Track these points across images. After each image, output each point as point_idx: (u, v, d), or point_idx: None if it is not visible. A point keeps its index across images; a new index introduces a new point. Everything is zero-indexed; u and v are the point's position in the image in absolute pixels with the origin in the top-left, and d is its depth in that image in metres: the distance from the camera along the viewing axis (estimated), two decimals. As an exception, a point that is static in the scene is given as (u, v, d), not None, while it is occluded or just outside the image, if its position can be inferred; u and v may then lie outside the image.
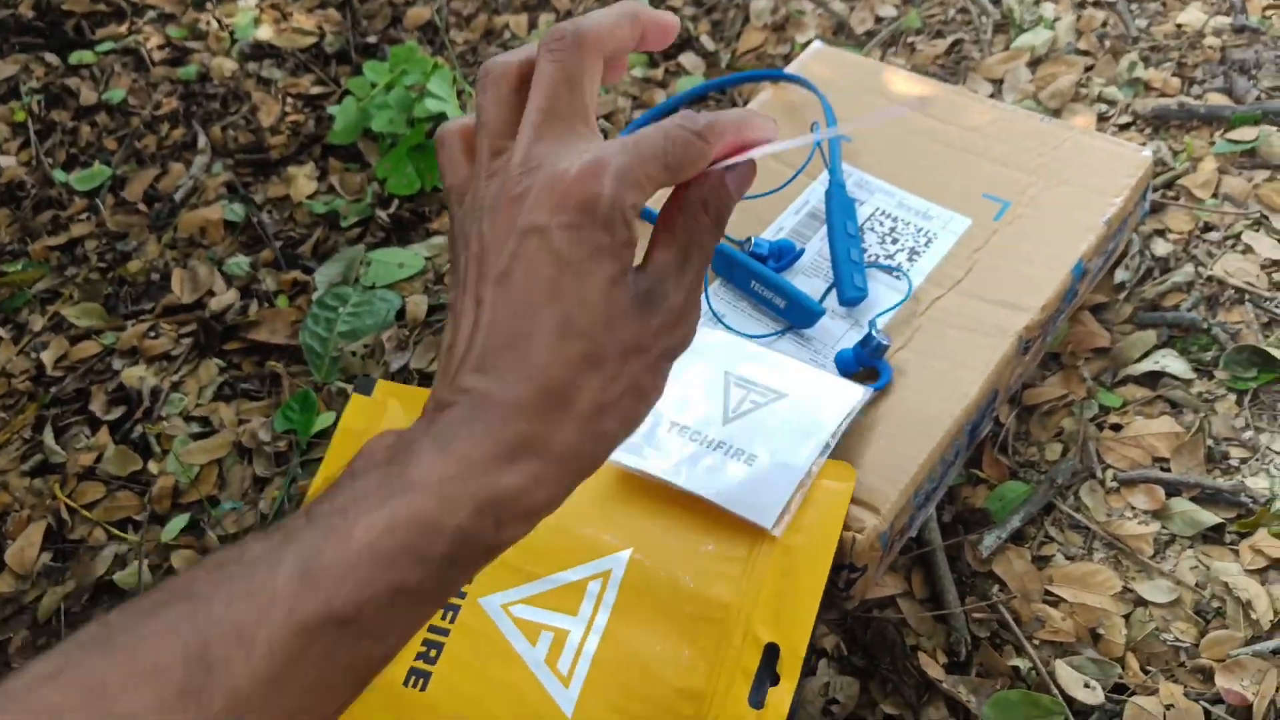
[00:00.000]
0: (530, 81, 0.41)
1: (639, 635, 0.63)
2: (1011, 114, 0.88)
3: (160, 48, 1.29)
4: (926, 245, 0.79)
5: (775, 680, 0.61)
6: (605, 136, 1.07)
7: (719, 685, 0.61)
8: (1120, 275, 0.84)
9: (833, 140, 0.85)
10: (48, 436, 0.91)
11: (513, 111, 0.42)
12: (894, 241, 0.80)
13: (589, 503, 0.68)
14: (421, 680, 0.63)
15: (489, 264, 0.39)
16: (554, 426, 0.38)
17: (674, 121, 0.40)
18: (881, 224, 0.81)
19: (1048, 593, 0.70)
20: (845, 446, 0.69)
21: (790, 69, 0.94)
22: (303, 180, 1.09)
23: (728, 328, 0.76)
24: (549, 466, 0.38)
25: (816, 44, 0.96)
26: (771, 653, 0.61)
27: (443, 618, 0.66)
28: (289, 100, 1.20)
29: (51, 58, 1.29)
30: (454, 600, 0.66)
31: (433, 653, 0.64)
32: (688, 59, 1.15)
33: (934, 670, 0.67)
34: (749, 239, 0.79)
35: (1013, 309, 0.74)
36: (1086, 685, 0.65)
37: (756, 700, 0.60)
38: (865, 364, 0.73)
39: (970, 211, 0.81)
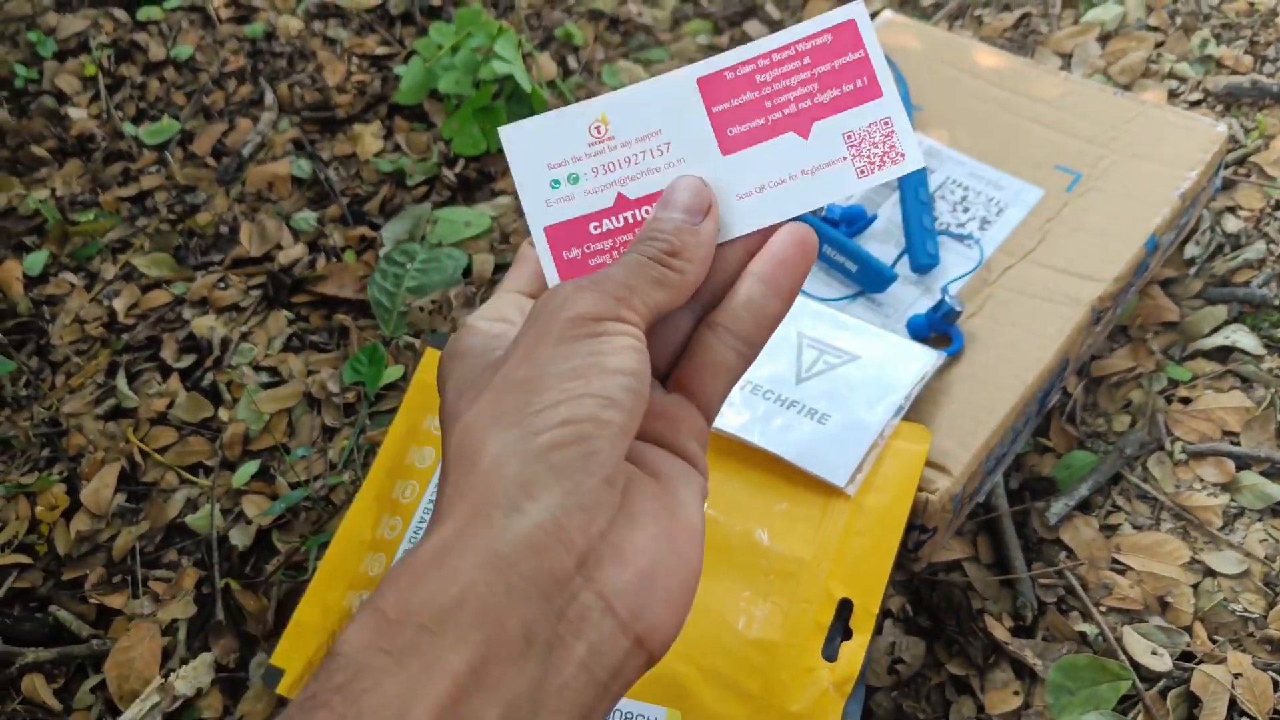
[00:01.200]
0: None
1: (714, 588, 0.63)
2: (1083, 87, 0.87)
3: (226, 5, 1.30)
4: (998, 215, 0.80)
5: (848, 635, 0.61)
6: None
7: (793, 638, 0.61)
8: (1190, 250, 0.84)
9: (906, 105, 0.85)
10: (120, 382, 0.93)
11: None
12: (965, 210, 0.80)
13: None
14: None
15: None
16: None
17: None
18: (953, 193, 0.82)
19: (1115, 561, 0.70)
20: (919, 409, 0.69)
21: (861, 37, 0.94)
22: (369, 138, 1.10)
23: (801, 291, 0.76)
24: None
25: (887, 13, 0.96)
26: (845, 608, 0.62)
27: None
28: (354, 60, 1.21)
29: (120, 13, 1.30)
30: None
31: None
32: (752, 27, 1.15)
33: (1000, 633, 0.68)
34: (821, 207, 0.80)
35: (1085, 279, 0.74)
36: (1154, 652, 0.65)
37: (830, 653, 0.61)
38: (937, 329, 0.73)
39: (1042, 182, 0.81)
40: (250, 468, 0.85)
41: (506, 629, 0.29)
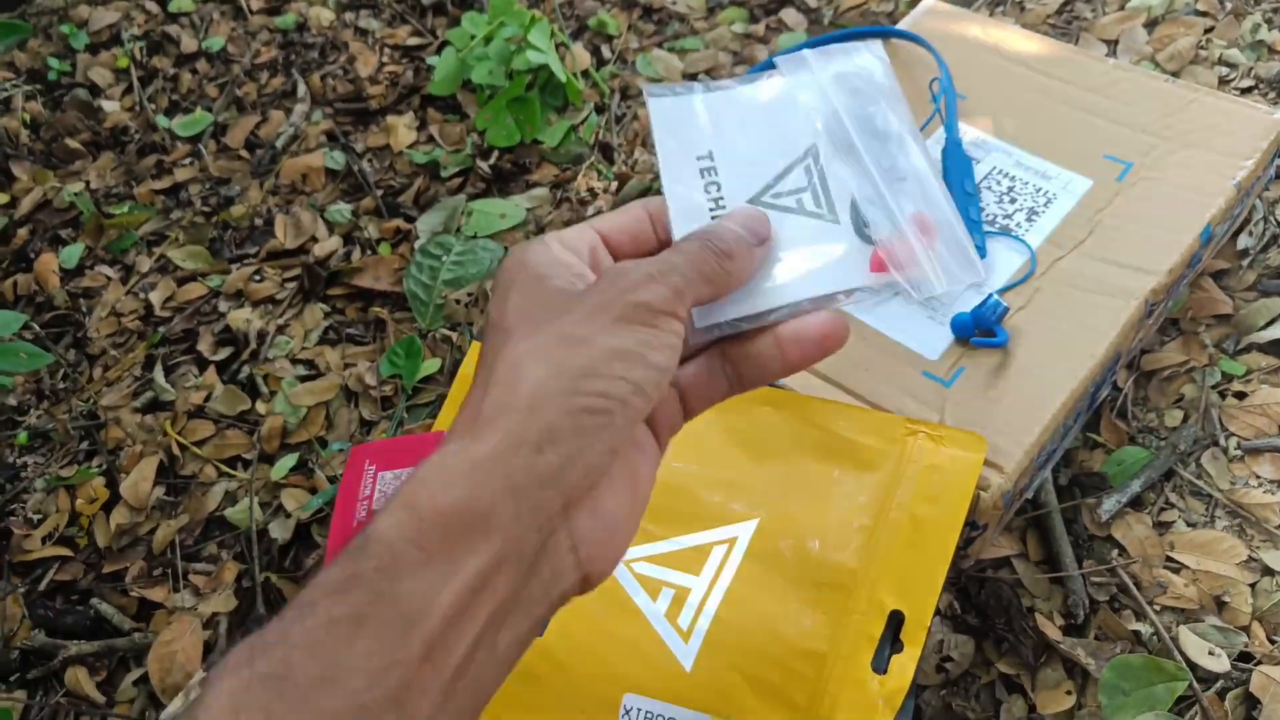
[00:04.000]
0: None
1: (762, 597, 0.62)
2: (1133, 74, 0.86)
3: (259, -4, 1.30)
4: (1046, 206, 0.78)
5: (899, 647, 0.60)
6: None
7: (841, 649, 0.60)
8: (1244, 242, 0.82)
9: (949, 97, 0.83)
10: (158, 375, 0.93)
11: None
12: (1012, 201, 0.79)
13: (717, 470, 0.68)
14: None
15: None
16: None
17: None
18: (999, 183, 0.80)
19: (1169, 559, 0.69)
20: (970, 404, 0.68)
21: (902, 26, 0.92)
22: (402, 130, 1.10)
23: None
24: None
25: (930, 0, 0.95)
26: (896, 619, 0.60)
27: None
28: (386, 50, 1.20)
29: (152, 5, 1.30)
30: None
31: None
32: (789, 15, 1.13)
33: (1051, 631, 0.66)
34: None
35: (1138, 271, 0.73)
36: (1211, 652, 0.64)
37: (879, 665, 0.59)
38: (983, 327, 0.72)
39: (1091, 172, 0.79)
40: (288, 461, 0.85)
41: (511, 546, 0.34)
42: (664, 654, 0.62)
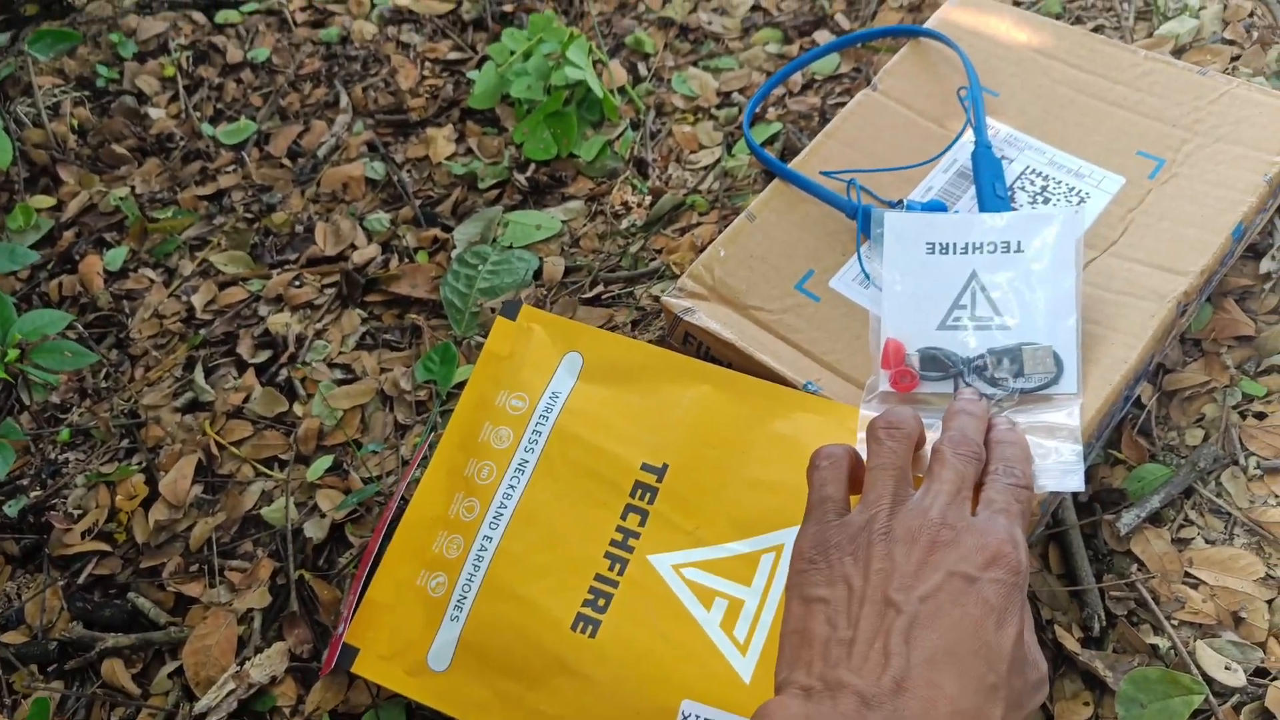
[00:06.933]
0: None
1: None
2: (1164, 65, 0.85)
3: (302, 9, 1.33)
4: (1079, 205, 0.78)
5: None
6: (739, 110, 1.08)
7: None
8: (1266, 265, 0.83)
9: (975, 98, 0.84)
10: (198, 376, 0.95)
11: (909, 463, 0.55)
12: (1046, 201, 0.79)
13: (756, 470, 0.69)
14: (591, 627, 0.65)
15: (906, 582, 0.47)
16: None
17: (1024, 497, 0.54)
18: (1032, 183, 0.80)
19: (1187, 574, 0.70)
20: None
21: (930, 23, 0.93)
22: (442, 142, 1.12)
23: (879, 288, 0.76)
24: None
25: None
26: None
27: (611, 569, 0.67)
28: (427, 64, 1.23)
29: (199, 16, 1.33)
30: (622, 553, 0.68)
31: (601, 601, 0.66)
32: (822, 36, 1.15)
33: (1070, 644, 0.68)
34: (901, 200, 0.80)
35: (1170, 273, 0.73)
36: (1227, 667, 0.65)
37: None
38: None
39: (1124, 169, 0.79)
40: (324, 462, 0.87)
41: None
42: (722, 664, 0.63)
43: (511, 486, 0.72)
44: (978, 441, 0.56)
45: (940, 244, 0.71)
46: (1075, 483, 0.61)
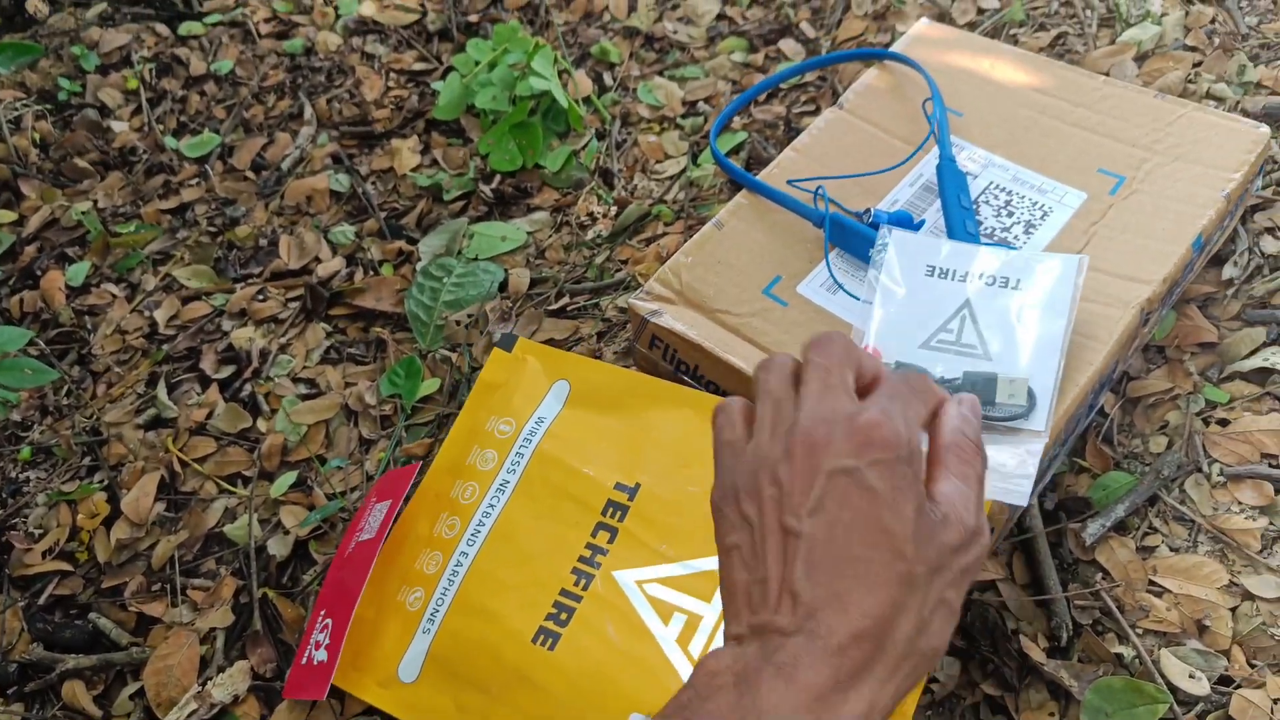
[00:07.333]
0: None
1: None
2: (1123, 90, 0.87)
3: (267, 21, 1.32)
4: (1042, 219, 0.79)
5: None
6: (705, 120, 1.08)
7: None
8: (1229, 271, 0.84)
9: (939, 114, 0.85)
10: (161, 392, 0.94)
11: (791, 389, 0.49)
12: (1009, 215, 0.80)
13: None
14: (551, 640, 0.65)
15: (795, 502, 0.45)
16: (885, 650, 0.42)
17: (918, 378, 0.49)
18: (996, 197, 0.82)
19: (1152, 583, 0.70)
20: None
21: (896, 47, 0.94)
22: (406, 153, 1.11)
23: (848, 294, 0.76)
24: (884, 687, 0.42)
25: (924, 21, 0.96)
26: None
27: (576, 584, 0.67)
28: (392, 75, 1.22)
29: (162, 28, 1.32)
30: (588, 569, 0.68)
31: (563, 615, 0.66)
32: (787, 45, 1.15)
33: (1036, 654, 0.67)
34: (867, 210, 0.80)
35: (1133, 281, 0.74)
36: (1192, 676, 0.65)
37: None
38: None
39: (1085, 186, 0.81)
40: (288, 478, 0.86)
41: None
42: (674, 680, 0.63)
43: (491, 505, 0.73)
44: (844, 345, 0.51)
45: (941, 269, 0.72)
46: (1021, 497, 0.62)
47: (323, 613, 0.73)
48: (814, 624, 0.42)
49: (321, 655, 0.71)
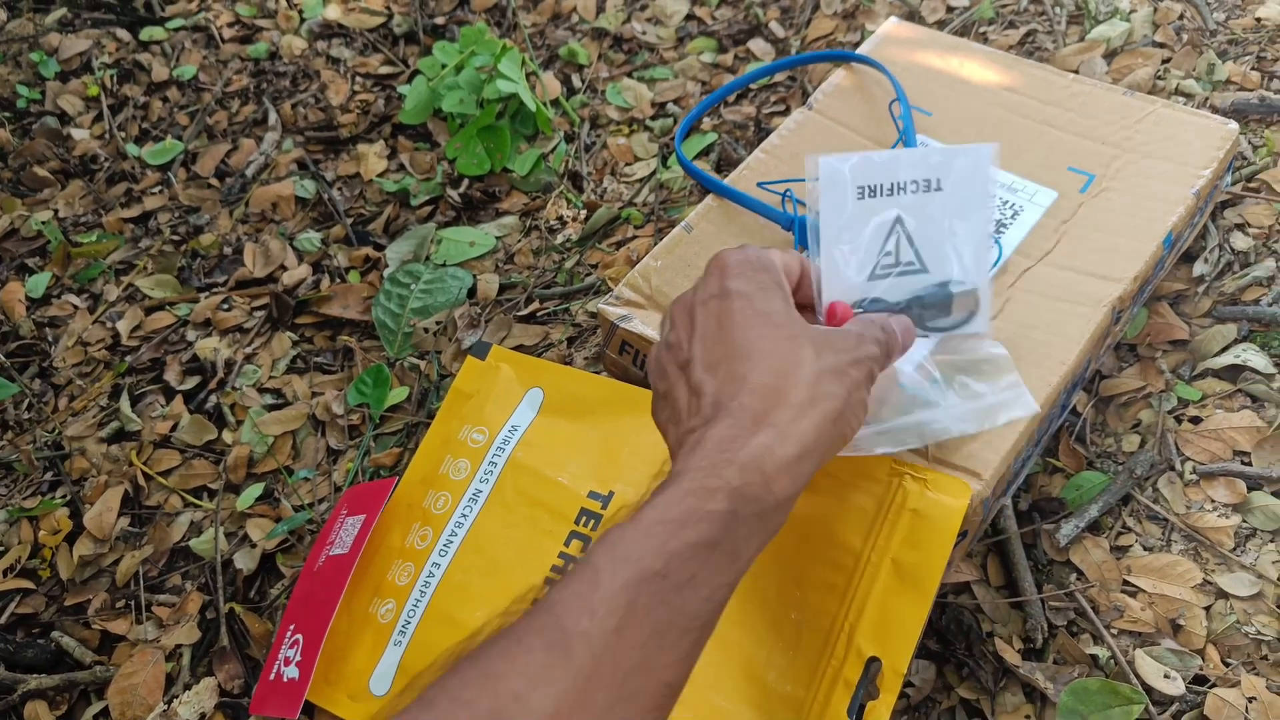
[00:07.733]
0: None
1: (743, 638, 0.63)
2: (1092, 87, 0.87)
3: (230, 25, 1.30)
4: (1013, 218, 0.79)
5: (875, 694, 0.60)
6: (674, 121, 1.07)
7: (819, 693, 0.60)
8: (1199, 268, 0.83)
9: (905, 113, 0.84)
10: (124, 404, 0.93)
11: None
12: None
13: None
14: None
15: (682, 344, 0.54)
16: (780, 406, 0.49)
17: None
18: (965, 195, 0.81)
19: (1126, 583, 0.70)
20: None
21: (863, 49, 0.93)
22: (373, 158, 1.10)
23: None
24: (786, 429, 0.49)
25: (892, 20, 0.96)
26: (873, 666, 0.60)
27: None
28: (358, 79, 1.21)
29: (123, 33, 1.31)
30: (560, 579, 0.66)
31: None
32: (757, 45, 1.15)
33: (1011, 656, 0.67)
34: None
35: (1104, 279, 0.74)
36: (1167, 676, 0.65)
37: (855, 712, 0.59)
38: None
39: (1056, 184, 0.81)
40: (254, 491, 0.85)
41: None
42: None
43: (464, 516, 0.72)
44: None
45: (869, 187, 0.67)
46: (1028, 405, 0.63)
47: (291, 627, 0.72)
48: (722, 406, 0.49)
49: (292, 672, 0.69)
